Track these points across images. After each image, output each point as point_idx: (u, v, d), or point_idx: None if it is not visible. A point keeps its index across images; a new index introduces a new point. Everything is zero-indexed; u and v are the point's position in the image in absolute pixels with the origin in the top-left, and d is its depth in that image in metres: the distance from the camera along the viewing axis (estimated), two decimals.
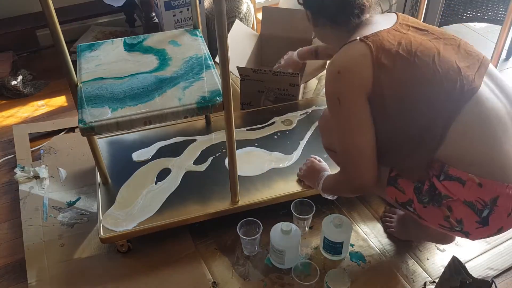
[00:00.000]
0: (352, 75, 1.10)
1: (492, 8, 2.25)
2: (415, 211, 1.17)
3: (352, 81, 1.10)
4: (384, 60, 1.07)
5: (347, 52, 1.13)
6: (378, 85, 1.08)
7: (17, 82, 2.20)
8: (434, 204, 1.11)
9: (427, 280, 1.39)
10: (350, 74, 1.10)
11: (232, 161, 1.37)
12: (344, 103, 1.12)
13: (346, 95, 1.11)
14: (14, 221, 1.61)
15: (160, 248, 1.49)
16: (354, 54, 1.11)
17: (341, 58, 1.14)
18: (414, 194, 1.14)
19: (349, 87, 1.11)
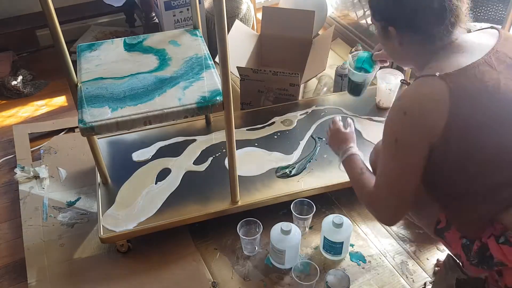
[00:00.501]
0: (419, 121, 0.95)
1: (492, 8, 2.24)
2: (463, 265, 1.07)
3: (418, 127, 0.95)
4: (463, 109, 0.91)
5: (420, 90, 0.97)
6: (451, 135, 0.93)
7: (17, 82, 2.20)
8: (483, 267, 1.00)
9: (427, 280, 1.39)
10: (418, 120, 0.95)
11: (232, 161, 1.37)
12: (402, 145, 0.98)
13: (406, 139, 0.97)
14: (14, 221, 1.61)
15: (160, 248, 1.49)
16: (428, 96, 0.94)
17: (411, 96, 0.98)
18: (462, 251, 1.04)
19: (412, 132, 0.96)
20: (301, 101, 1.92)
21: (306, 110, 1.86)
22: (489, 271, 1.01)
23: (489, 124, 0.93)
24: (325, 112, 1.85)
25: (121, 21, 2.64)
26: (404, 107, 0.97)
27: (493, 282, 1.03)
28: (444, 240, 1.09)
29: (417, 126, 0.95)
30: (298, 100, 1.91)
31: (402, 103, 0.98)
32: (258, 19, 2.50)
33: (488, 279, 1.04)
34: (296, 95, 1.89)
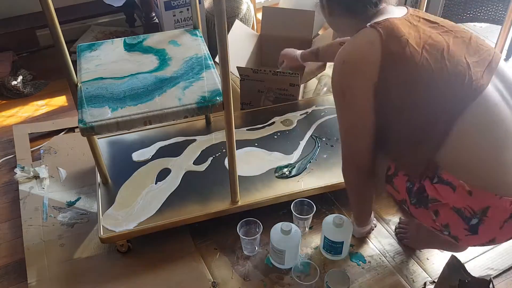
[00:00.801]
0: (357, 65, 1.07)
1: (492, 8, 2.24)
2: (409, 210, 1.16)
3: (357, 71, 1.07)
4: (393, 48, 1.04)
5: (355, 40, 1.10)
6: (385, 74, 1.05)
7: (17, 82, 2.20)
8: (421, 206, 1.10)
9: (427, 280, 1.39)
10: (356, 64, 1.07)
11: (232, 161, 1.37)
12: (348, 94, 1.10)
13: (350, 86, 1.09)
14: (14, 221, 1.61)
15: (160, 248, 1.49)
16: (362, 42, 1.08)
17: (348, 47, 1.10)
18: (406, 194, 1.13)
19: (353, 77, 1.08)
20: (301, 101, 1.92)
21: (306, 110, 1.86)
22: (426, 209, 1.10)
23: (415, 63, 1.04)
24: (325, 112, 1.85)
25: (121, 21, 2.64)
26: (342, 58, 1.09)
27: (434, 223, 1.11)
28: (393, 186, 1.16)
29: (357, 70, 1.07)
30: (298, 100, 1.91)
31: (341, 55, 1.10)
32: (258, 19, 2.50)
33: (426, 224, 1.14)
34: (296, 95, 1.89)
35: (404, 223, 1.52)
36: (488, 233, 1.05)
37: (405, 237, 1.49)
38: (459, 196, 1.03)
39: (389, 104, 1.08)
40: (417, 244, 1.47)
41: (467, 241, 1.09)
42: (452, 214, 1.05)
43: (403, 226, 1.52)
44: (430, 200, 1.07)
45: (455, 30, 1.11)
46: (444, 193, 1.05)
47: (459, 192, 1.03)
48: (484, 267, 1.42)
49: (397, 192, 1.16)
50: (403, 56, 1.04)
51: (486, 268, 1.42)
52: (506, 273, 1.42)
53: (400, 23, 1.08)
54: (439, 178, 1.05)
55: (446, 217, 1.07)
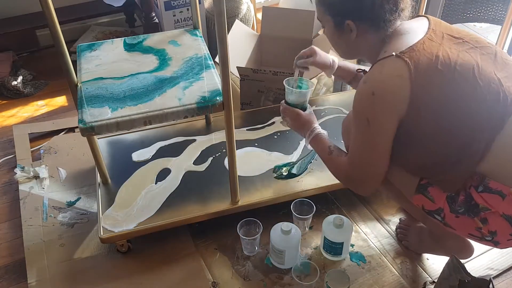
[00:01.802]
0: (387, 99, 1.05)
1: (492, 8, 2.24)
2: (443, 220, 1.14)
3: (387, 105, 1.05)
4: (422, 81, 1.02)
5: (382, 70, 1.06)
6: (415, 107, 1.03)
7: (17, 82, 2.20)
8: (469, 214, 1.08)
9: (427, 280, 1.39)
10: (386, 98, 1.05)
11: (232, 161, 1.37)
12: (373, 125, 1.08)
13: (377, 118, 1.07)
14: (14, 221, 1.61)
15: (160, 248, 1.49)
16: (391, 74, 1.04)
17: (376, 77, 1.07)
18: (446, 203, 1.11)
19: (382, 110, 1.06)
20: None
21: None
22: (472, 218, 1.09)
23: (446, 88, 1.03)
24: (325, 112, 1.85)
25: (121, 21, 2.64)
26: (371, 88, 1.05)
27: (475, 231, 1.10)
28: (426, 196, 1.14)
29: (386, 104, 1.05)
30: None
31: (369, 85, 1.06)
32: (258, 19, 2.50)
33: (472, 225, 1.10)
34: None
35: (405, 224, 1.52)
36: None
37: (405, 238, 1.49)
38: (509, 203, 1.04)
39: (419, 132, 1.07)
40: (419, 248, 1.46)
41: (505, 244, 1.11)
42: (501, 221, 1.06)
43: (403, 227, 1.51)
44: (481, 208, 1.06)
45: (480, 46, 1.09)
46: (492, 201, 1.05)
47: (508, 199, 1.03)
48: (484, 267, 1.42)
49: (430, 201, 1.14)
50: (434, 85, 1.03)
51: (486, 268, 1.42)
52: (506, 273, 1.42)
53: (425, 46, 1.05)
54: (486, 187, 1.05)
55: (495, 224, 1.07)
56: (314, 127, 1.32)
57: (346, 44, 1.18)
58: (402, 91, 1.03)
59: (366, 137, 1.11)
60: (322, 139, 1.30)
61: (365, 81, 1.08)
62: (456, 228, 1.14)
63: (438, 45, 1.06)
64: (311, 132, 1.32)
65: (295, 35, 2.16)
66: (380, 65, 1.07)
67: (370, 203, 1.62)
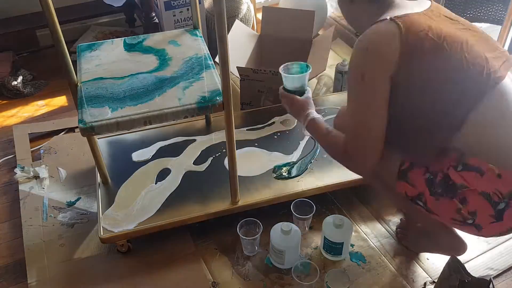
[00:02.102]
0: (380, 53, 1.09)
1: (492, 8, 2.24)
2: (425, 205, 1.15)
3: (379, 59, 1.09)
4: (412, 42, 1.06)
5: (377, 29, 1.12)
6: (404, 66, 1.07)
7: (17, 83, 2.20)
8: (448, 195, 1.10)
9: (427, 280, 1.39)
10: (379, 52, 1.09)
11: (232, 161, 1.37)
12: (367, 80, 1.10)
13: (371, 72, 1.10)
14: (14, 221, 1.61)
15: (160, 248, 1.49)
16: (384, 32, 1.10)
17: (371, 35, 1.12)
18: (426, 186, 1.13)
19: (376, 64, 1.10)
20: None
21: None
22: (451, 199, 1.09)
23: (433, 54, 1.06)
24: (325, 112, 1.85)
25: (121, 21, 2.64)
26: (365, 44, 1.11)
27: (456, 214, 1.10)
28: (408, 181, 1.15)
29: (378, 59, 1.09)
30: None
31: (363, 41, 1.12)
32: (258, 19, 2.50)
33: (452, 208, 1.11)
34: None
35: (405, 224, 1.52)
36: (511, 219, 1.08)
37: (405, 238, 1.49)
38: (488, 180, 1.05)
39: (404, 94, 1.10)
40: (417, 248, 1.46)
41: (489, 229, 1.10)
42: (480, 199, 1.06)
43: (403, 227, 1.51)
44: (459, 186, 1.07)
45: (473, 29, 1.14)
46: (471, 179, 1.06)
47: (488, 176, 1.05)
48: (484, 267, 1.42)
49: (412, 186, 1.16)
50: (421, 49, 1.07)
51: (486, 268, 1.42)
52: (506, 273, 1.42)
53: (420, 17, 1.11)
54: (465, 165, 1.07)
55: (474, 204, 1.07)
56: (309, 111, 1.31)
57: (345, 10, 1.26)
58: (393, 49, 1.07)
59: (362, 96, 1.13)
60: (318, 122, 1.29)
61: (360, 39, 1.13)
62: (438, 214, 1.15)
63: (432, 20, 1.11)
64: (306, 117, 1.31)
65: (295, 35, 2.15)
66: (375, 26, 1.12)
67: (370, 203, 1.62)
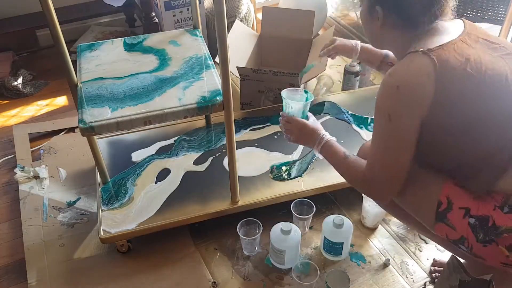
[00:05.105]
0: (411, 93, 1.00)
1: (492, 8, 2.24)
2: (470, 251, 1.06)
3: (410, 99, 1.01)
4: (449, 81, 0.98)
5: (409, 65, 1.02)
6: (439, 107, 0.99)
7: (17, 83, 2.20)
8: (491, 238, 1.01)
9: (427, 280, 1.39)
10: (410, 92, 1.00)
11: (232, 161, 1.37)
12: (395, 121, 1.03)
13: (400, 113, 1.02)
14: (14, 221, 1.61)
15: (160, 248, 1.49)
16: (416, 70, 1.00)
17: (402, 71, 1.03)
18: (470, 231, 1.04)
19: (406, 105, 1.01)
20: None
21: None
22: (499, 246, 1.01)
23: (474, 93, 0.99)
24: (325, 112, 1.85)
25: (121, 21, 2.64)
26: (396, 82, 1.02)
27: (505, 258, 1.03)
28: (447, 224, 1.07)
29: (409, 99, 1.01)
30: None
31: (394, 79, 1.03)
32: (258, 19, 2.50)
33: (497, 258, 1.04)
34: None
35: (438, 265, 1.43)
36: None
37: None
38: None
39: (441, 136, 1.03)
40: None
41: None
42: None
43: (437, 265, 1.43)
44: (502, 231, 0.99)
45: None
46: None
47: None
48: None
49: (452, 229, 1.07)
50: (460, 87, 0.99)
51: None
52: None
53: (456, 47, 1.01)
54: (510, 207, 0.99)
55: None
56: (323, 134, 1.26)
57: (370, 31, 1.16)
58: (427, 89, 0.99)
59: (387, 134, 1.06)
60: (334, 145, 1.23)
61: (390, 74, 1.04)
62: (485, 259, 1.06)
63: (471, 48, 1.02)
64: (321, 139, 1.24)
65: (295, 35, 2.15)
66: (408, 59, 1.03)
67: None
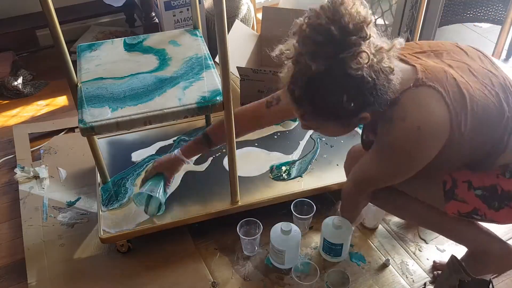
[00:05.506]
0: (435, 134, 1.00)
1: (492, 8, 2.24)
2: (485, 218, 1.12)
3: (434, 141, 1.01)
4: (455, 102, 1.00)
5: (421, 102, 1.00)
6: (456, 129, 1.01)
7: (17, 83, 2.19)
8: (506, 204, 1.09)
9: (427, 280, 1.39)
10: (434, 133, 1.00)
11: (232, 161, 1.37)
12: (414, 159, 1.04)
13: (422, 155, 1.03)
14: (14, 221, 1.61)
15: (160, 248, 1.49)
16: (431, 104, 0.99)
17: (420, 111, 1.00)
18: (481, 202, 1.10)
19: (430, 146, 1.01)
20: None
21: None
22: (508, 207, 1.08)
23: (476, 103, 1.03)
24: None
25: (121, 21, 2.64)
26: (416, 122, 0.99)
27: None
28: (457, 199, 1.11)
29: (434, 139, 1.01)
30: None
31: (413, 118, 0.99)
32: (258, 19, 2.50)
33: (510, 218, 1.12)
34: None
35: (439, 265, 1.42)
36: None
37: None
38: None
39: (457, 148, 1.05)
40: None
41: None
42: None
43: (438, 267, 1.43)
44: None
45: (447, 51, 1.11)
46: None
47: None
48: None
49: (463, 203, 1.12)
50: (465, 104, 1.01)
51: None
52: (506, 273, 1.42)
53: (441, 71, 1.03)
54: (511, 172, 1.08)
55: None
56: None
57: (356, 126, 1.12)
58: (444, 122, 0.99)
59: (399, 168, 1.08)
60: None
61: (405, 119, 1.00)
62: (499, 221, 1.13)
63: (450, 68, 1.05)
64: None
65: None
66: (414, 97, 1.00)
67: None
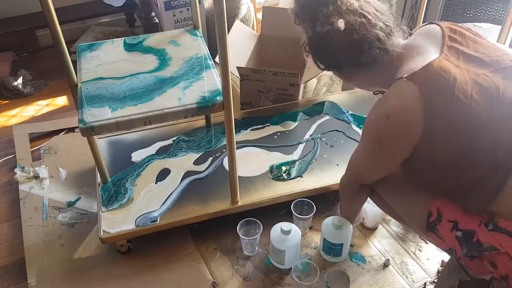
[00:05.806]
0: (402, 125, 1.01)
1: (492, 8, 2.24)
2: (459, 260, 1.08)
3: (400, 131, 1.01)
4: (437, 106, 0.97)
5: (398, 94, 1.01)
6: (429, 134, 0.99)
7: (17, 83, 2.20)
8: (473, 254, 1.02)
9: (427, 280, 1.39)
10: (400, 124, 1.01)
11: (232, 161, 1.37)
12: (384, 147, 1.05)
13: (389, 141, 1.04)
14: (14, 221, 1.61)
15: (160, 248, 1.49)
16: (406, 98, 0.99)
17: (392, 100, 1.02)
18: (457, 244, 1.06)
19: (396, 135, 1.02)
20: (301, 101, 1.92)
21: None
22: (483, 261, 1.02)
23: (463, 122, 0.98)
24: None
25: (121, 21, 2.64)
26: (386, 111, 1.02)
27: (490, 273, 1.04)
28: (436, 234, 1.11)
29: (400, 130, 1.02)
30: (298, 100, 1.91)
31: (384, 107, 1.03)
32: (258, 19, 2.50)
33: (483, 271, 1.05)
34: (296, 95, 1.89)
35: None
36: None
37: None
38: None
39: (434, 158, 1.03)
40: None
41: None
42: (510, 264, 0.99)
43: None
44: (485, 248, 1.00)
45: (502, 68, 1.01)
46: (502, 241, 0.98)
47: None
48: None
49: (441, 240, 1.10)
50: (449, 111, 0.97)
51: None
52: None
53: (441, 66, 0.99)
54: (495, 226, 0.99)
55: (505, 268, 1.00)
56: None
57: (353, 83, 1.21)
58: (416, 118, 0.98)
59: (374, 156, 1.11)
60: None
61: (380, 103, 1.04)
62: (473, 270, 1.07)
63: (455, 66, 1.00)
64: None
65: (295, 35, 2.14)
66: (396, 87, 1.02)
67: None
